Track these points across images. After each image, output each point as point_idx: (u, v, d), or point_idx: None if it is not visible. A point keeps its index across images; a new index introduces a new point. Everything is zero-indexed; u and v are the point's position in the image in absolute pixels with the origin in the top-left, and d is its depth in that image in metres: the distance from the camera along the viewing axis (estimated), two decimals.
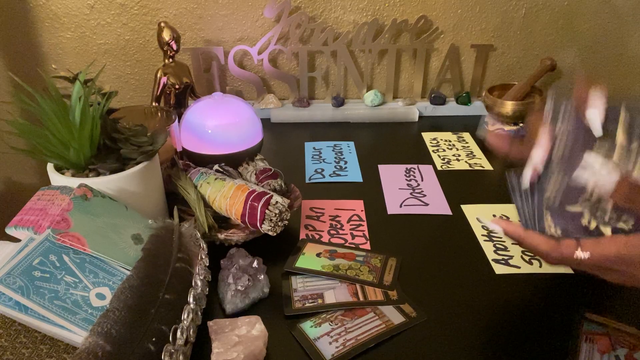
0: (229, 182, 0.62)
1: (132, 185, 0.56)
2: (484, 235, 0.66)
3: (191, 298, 0.46)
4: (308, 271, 0.58)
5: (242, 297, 0.52)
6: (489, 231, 0.67)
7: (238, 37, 1.03)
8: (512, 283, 0.57)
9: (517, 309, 0.54)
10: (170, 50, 0.88)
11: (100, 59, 1.02)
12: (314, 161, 0.87)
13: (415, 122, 1.04)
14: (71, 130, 0.52)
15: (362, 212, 0.71)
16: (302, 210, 0.71)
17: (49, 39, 1.00)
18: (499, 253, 0.62)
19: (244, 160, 0.71)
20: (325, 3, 1.00)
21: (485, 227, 0.67)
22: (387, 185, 0.79)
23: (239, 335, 0.47)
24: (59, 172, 0.56)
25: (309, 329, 0.50)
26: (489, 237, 0.65)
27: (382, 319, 0.52)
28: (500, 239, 0.65)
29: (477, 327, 0.51)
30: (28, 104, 0.52)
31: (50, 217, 0.49)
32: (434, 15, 1.01)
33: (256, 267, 0.55)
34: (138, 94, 1.07)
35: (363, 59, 1.05)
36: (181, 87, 0.90)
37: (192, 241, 0.54)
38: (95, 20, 0.99)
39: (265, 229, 0.58)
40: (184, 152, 0.77)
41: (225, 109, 0.77)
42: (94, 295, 0.45)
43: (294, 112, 1.04)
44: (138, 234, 0.52)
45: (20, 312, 0.42)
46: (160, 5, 0.98)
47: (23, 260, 0.44)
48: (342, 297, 0.54)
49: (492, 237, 0.65)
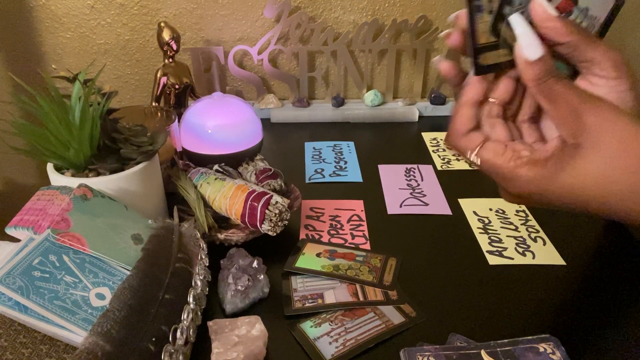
0: (229, 182, 0.62)
1: (132, 185, 0.56)
2: (480, 228, 0.67)
3: (191, 298, 0.46)
4: (308, 271, 0.58)
5: (242, 297, 0.52)
6: (484, 224, 0.68)
7: (238, 37, 1.03)
8: (511, 277, 0.58)
9: (516, 305, 0.54)
10: (170, 50, 0.88)
11: (100, 59, 1.02)
12: (314, 161, 0.87)
13: (415, 122, 1.04)
14: (71, 131, 0.52)
15: (362, 212, 0.71)
16: (302, 210, 0.71)
17: (49, 39, 1.00)
18: (493, 245, 0.64)
19: (244, 160, 0.71)
20: (325, 3, 1.00)
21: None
22: (387, 185, 0.79)
23: (239, 335, 0.47)
24: (59, 172, 0.56)
25: (309, 329, 0.50)
26: (484, 230, 0.67)
27: (382, 319, 0.52)
28: (495, 231, 0.67)
29: (477, 327, 0.51)
30: (28, 104, 0.52)
31: (50, 217, 0.49)
32: (434, 15, 1.01)
33: (256, 267, 0.55)
34: (138, 94, 1.07)
35: (363, 59, 1.05)
36: (181, 87, 0.90)
37: (192, 241, 0.54)
38: (95, 20, 0.99)
39: (265, 229, 0.58)
40: (184, 152, 0.77)
41: (225, 109, 0.77)
42: (93, 295, 0.45)
43: (294, 112, 1.04)
44: (138, 234, 0.52)
45: (20, 312, 0.42)
46: (160, 5, 0.98)
47: (23, 260, 0.44)
48: (342, 297, 0.54)
49: (487, 230, 0.67)
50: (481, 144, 0.38)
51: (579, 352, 0.47)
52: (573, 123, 0.34)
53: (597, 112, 0.33)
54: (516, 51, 0.35)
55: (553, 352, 0.46)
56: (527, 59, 0.34)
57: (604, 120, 0.33)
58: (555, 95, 0.34)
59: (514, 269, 0.60)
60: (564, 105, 0.34)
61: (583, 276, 0.59)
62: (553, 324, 0.52)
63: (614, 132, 0.33)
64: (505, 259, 0.61)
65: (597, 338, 0.50)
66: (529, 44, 0.34)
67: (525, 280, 0.58)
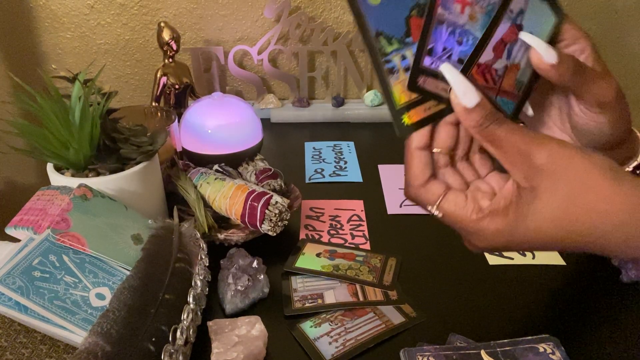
0: (229, 182, 0.62)
1: (132, 185, 0.56)
2: None
3: (191, 298, 0.46)
4: (308, 271, 0.58)
5: (242, 297, 0.52)
6: None
7: (238, 37, 1.03)
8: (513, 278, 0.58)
9: (516, 305, 0.54)
10: (170, 50, 0.88)
11: (100, 59, 1.02)
12: (313, 161, 0.87)
13: None
14: (71, 130, 0.52)
15: (362, 212, 0.71)
16: (302, 210, 0.71)
17: (49, 39, 1.00)
18: None
19: (244, 160, 0.71)
20: (325, 3, 1.00)
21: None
22: (387, 185, 0.79)
23: (239, 335, 0.47)
24: (59, 172, 0.56)
25: (309, 329, 0.50)
26: None
27: (382, 319, 0.52)
28: None
29: (477, 327, 0.51)
30: (28, 104, 0.52)
31: (50, 217, 0.49)
32: None
33: (256, 267, 0.55)
34: (138, 94, 1.07)
35: (363, 59, 1.05)
36: (181, 87, 0.90)
37: (192, 241, 0.54)
38: (95, 20, 0.99)
39: (265, 229, 0.58)
40: (184, 152, 0.77)
41: (225, 109, 0.77)
42: (93, 295, 0.45)
43: (294, 112, 1.04)
44: (138, 234, 0.52)
45: (20, 312, 0.42)
46: (160, 5, 0.98)
47: (23, 260, 0.44)
48: (342, 297, 0.54)
49: None
50: (442, 196, 0.36)
51: (579, 352, 0.47)
52: (523, 166, 0.32)
53: (547, 151, 0.31)
54: (452, 100, 0.33)
55: (553, 352, 0.46)
56: (464, 107, 0.33)
57: (557, 159, 0.31)
58: (499, 140, 0.32)
59: (513, 269, 0.60)
60: (510, 149, 0.32)
61: (583, 276, 0.59)
62: (553, 324, 0.52)
63: (568, 169, 0.31)
64: (505, 259, 0.61)
65: (597, 338, 0.50)
66: (465, 92, 0.33)
67: (525, 280, 0.58)
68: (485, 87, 0.35)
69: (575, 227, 0.31)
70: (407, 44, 0.35)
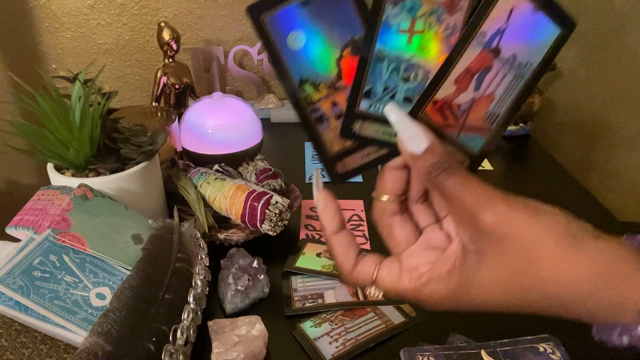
0: (229, 182, 0.62)
1: (132, 185, 0.56)
2: None
3: (191, 298, 0.46)
4: (308, 271, 0.58)
5: (242, 297, 0.52)
6: None
7: (238, 37, 1.03)
8: None
9: None
10: (170, 50, 0.88)
11: (100, 59, 1.02)
12: (314, 161, 0.87)
13: None
14: (71, 130, 0.52)
15: (362, 212, 0.71)
16: (302, 210, 0.71)
17: (49, 39, 1.00)
18: None
19: (244, 160, 0.71)
20: None
21: None
22: None
23: (239, 335, 0.47)
24: (59, 172, 0.56)
25: (309, 329, 0.50)
26: None
27: (382, 319, 0.52)
28: None
29: (477, 327, 0.51)
30: (28, 104, 0.52)
31: (50, 217, 0.49)
32: None
33: (256, 267, 0.55)
34: (138, 94, 1.07)
35: None
36: (181, 87, 0.90)
37: (192, 241, 0.54)
38: (95, 20, 0.99)
39: (265, 229, 0.58)
40: (184, 152, 0.77)
41: (225, 109, 0.77)
42: (94, 295, 0.45)
43: (294, 112, 1.04)
44: (138, 234, 0.52)
45: (20, 312, 0.42)
46: (160, 5, 0.98)
47: (23, 260, 0.44)
48: (342, 297, 0.54)
49: None
50: (375, 274, 0.32)
51: (579, 352, 0.47)
52: (470, 226, 0.28)
53: (494, 215, 0.27)
54: (399, 145, 0.29)
55: (553, 352, 0.46)
56: (411, 153, 0.28)
57: (504, 224, 0.27)
58: (447, 194, 0.28)
59: None
60: (458, 205, 0.28)
61: None
62: (553, 324, 0.51)
63: (517, 237, 0.27)
64: None
65: None
66: (411, 136, 0.28)
67: None
68: (445, 125, 0.31)
69: (529, 296, 0.29)
70: (338, 88, 0.31)
